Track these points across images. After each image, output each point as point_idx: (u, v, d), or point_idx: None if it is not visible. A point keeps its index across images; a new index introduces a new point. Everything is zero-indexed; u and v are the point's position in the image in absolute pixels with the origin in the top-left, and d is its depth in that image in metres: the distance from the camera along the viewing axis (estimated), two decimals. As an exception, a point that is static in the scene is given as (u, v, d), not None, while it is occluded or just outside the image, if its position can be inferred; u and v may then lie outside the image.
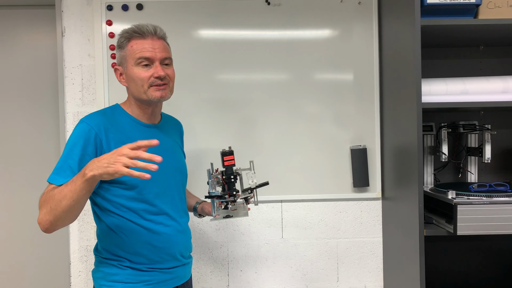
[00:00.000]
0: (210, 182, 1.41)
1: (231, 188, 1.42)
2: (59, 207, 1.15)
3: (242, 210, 1.48)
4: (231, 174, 1.42)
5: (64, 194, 1.14)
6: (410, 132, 1.55)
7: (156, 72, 1.31)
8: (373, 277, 1.93)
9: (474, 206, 1.46)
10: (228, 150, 1.43)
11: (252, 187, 1.47)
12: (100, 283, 1.33)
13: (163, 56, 1.34)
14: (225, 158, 1.42)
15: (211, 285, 1.91)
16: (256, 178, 1.47)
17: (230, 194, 1.42)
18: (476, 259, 1.92)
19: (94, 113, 1.34)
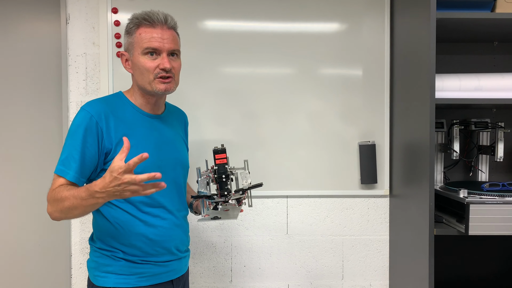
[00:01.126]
0: (200, 181, 1.35)
1: (222, 188, 1.35)
2: (70, 214, 1.19)
3: (233, 211, 1.40)
4: (223, 173, 1.35)
5: (75, 205, 1.15)
6: (422, 128, 1.51)
7: (162, 64, 1.27)
8: (379, 275, 1.90)
9: (486, 206, 1.42)
10: (221, 148, 1.36)
11: (244, 188, 1.39)
12: (94, 273, 1.31)
13: (171, 47, 1.30)
14: (217, 156, 1.35)
15: (214, 280, 1.88)
16: (251, 178, 1.41)
17: (221, 194, 1.35)
18: (485, 259, 1.88)
19: (95, 100, 1.31)
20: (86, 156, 1.23)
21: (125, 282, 1.29)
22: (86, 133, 1.23)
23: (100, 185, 1.10)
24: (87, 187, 1.14)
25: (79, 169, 1.22)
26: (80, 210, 1.17)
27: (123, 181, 1.06)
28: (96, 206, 1.16)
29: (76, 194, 1.15)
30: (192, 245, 1.85)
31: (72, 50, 1.84)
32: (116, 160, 1.07)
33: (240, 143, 1.83)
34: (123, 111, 1.32)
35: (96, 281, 1.30)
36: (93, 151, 1.24)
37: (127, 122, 1.30)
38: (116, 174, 1.06)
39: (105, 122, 1.25)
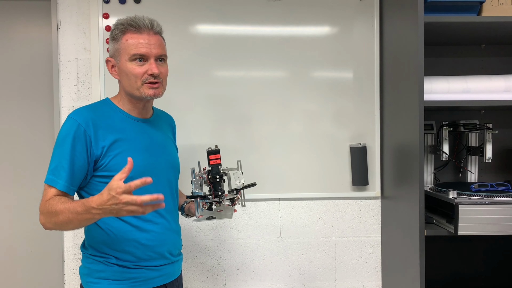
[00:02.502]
0: (194, 181, 1.36)
1: (216, 188, 1.36)
2: (65, 227, 1.19)
3: (227, 211, 1.42)
4: (217, 173, 1.36)
5: (70, 220, 1.16)
6: (411, 130, 1.53)
7: (151, 70, 1.28)
8: (371, 276, 1.91)
9: (475, 206, 1.44)
10: (214, 149, 1.37)
11: (238, 188, 1.41)
12: (87, 279, 1.31)
13: (158, 53, 1.30)
14: (211, 157, 1.37)
15: (208, 283, 1.88)
16: (244, 178, 1.43)
17: (215, 195, 1.36)
18: (475, 259, 1.90)
19: (82, 108, 1.31)
20: (76, 164, 1.23)
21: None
22: (75, 141, 1.23)
23: (97, 201, 1.10)
24: (83, 202, 1.14)
25: (68, 178, 1.22)
26: (75, 224, 1.17)
27: (121, 201, 1.06)
28: (92, 221, 1.17)
29: (71, 209, 1.15)
30: (185, 249, 1.85)
31: (63, 55, 1.84)
32: (115, 179, 1.07)
33: (231, 147, 1.84)
34: (111, 117, 1.32)
35: (89, 287, 1.30)
36: (82, 160, 1.24)
37: (116, 127, 1.30)
38: (114, 193, 1.06)
39: (93, 130, 1.25)
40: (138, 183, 1.06)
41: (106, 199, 1.08)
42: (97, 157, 1.25)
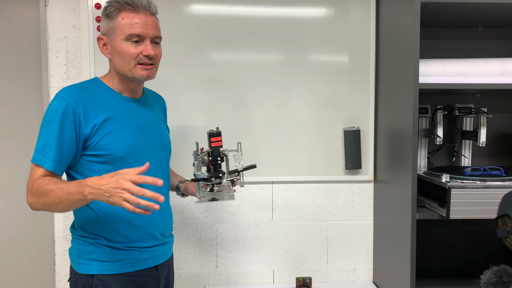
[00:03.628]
0: (196, 164, 1.35)
1: (217, 170, 1.37)
2: (54, 208, 1.17)
3: (228, 192, 1.43)
4: (218, 155, 1.37)
5: (61, 200, 1.14)
6: (406, 113, 1.52)
7: (146, 51, 1.25)
8: (363, 259, 1.92)
9: (467, 190, 1.44)
10: (216, 131, 1.37)
11: (239, 169, 1.42)
12: (77, 261, 1.29)
13: (154, 34, 1.28)
14: (212, 139, 1.36)
15: (200, 265, 1.88)
16: (244, 160, 1.42)
17: (216, 176, 1.37)
18: (466, 243, 1.91)
19: (71, 86, 1.28)
20: (64, 144, 1.20)
21: (109, 269, 1.28)
22: (63, 121, 1.20)
23: (94, 181, 1.09)
24: (79, 181, 1.13)
25: (56, 158, 1.20)
26: (64, 205, 1.15)
27: (121, 185, 1.05)
28: (81, 203, 1.15)
29: (64, 188, 1.14)
30: (177, 231, 1.85)
31: (51, 34, 1.79)
32: (128, 169, 1.08)
33: (225, 129, 1.80)
34: (101, 96, 1.29)
35: (79, 269, 1.29)
36: (71, 139, 1.21)
37: (107, 106, 1.28)
38: (119, 176, 1.06)
39: (82, 109, 1.22)
40: (150, 180, 1.06)
41: (105, 181, 1.07)
42: (87, 136, 1.23)
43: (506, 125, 1.86)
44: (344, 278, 1.92)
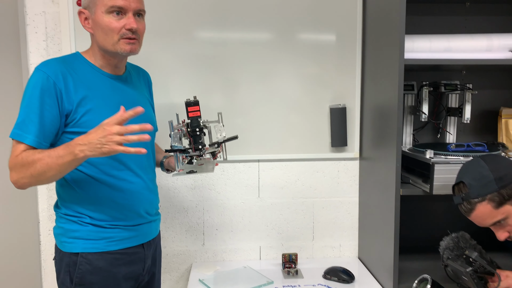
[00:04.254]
0: (173, 134, 1.32)
1: (196, 141, 1.33)
2: (43, 176, 1.14)
3: (209, 165, 1.39)
4: (197, 126, 1.32)
5: (50, 166, 1.11)
6: (391, 90, 1.51)
7: (129, 24, 1.22)
8: (348, 236, 1.94)
9: (451, 166, 1.44)
10: (193, 100, 1.32)
11: (220, 141, 1.39)
12: (61, 239, 1.29)
13: (137, 7, 1.24)
14: (190, 109, 1.32)
15: (186, 243, 1.89)
16: (225, 131, 1.39)
17: (195, 148, 1.33)
18: (449, 218, 1.94)
19: (51, 60, 1.24)
20: (46, 118, 1.17)
21: (94, 247, 1.28)
22: (44, 94, 1.17)
23: (82, 138, 1.09)
24: (66, 144, 1.12)
25: (39, 133, 1.17)
26: (54, 171, 1.12)
27: (110, 131, 1.04)
28: (72, 165, 1.13)
29: (52, 153, 1.12)
30: (163, 210, 1.84)
31: (29, 8, 1.73)
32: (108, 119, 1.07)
33: (210, 107, 1.79)
34: (82, 72, 1.26)
35: (63, 247, 1.28)
36: (54, 113, 1.19)
37: (87, 83, 1.25)
38: (105, 125, 1.05)
39: (64, 83, 1.20)
40: (131, 113, 1.05)
41: (92, 135, 1.07)
42: (68, 111, 1.20)
43: (491, 101, 1.87)
44: (329, 254, 1.95)
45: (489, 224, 1.20)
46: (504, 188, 1.15)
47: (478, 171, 1.20)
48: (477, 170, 1.20)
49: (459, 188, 1.24)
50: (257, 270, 1.77)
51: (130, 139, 1.05)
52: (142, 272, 1.39)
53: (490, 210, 1.17)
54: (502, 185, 1.15)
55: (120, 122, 1.06)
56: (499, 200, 1.15)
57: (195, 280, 1.69)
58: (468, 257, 1.22)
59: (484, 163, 1.20)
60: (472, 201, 1.19)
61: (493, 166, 1.18)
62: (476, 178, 1.19)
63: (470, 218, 1.22)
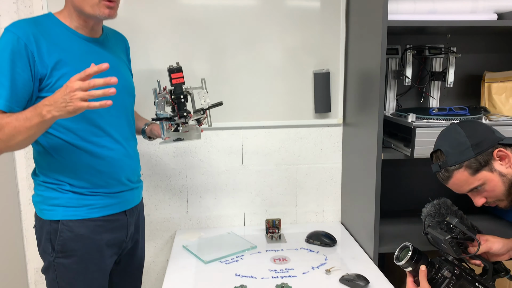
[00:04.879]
0: (157, 102, 1.30)
1: (181, 109, 1.32)
2: (12, 140, 1.10)
3: (195, 132, 1.39)
4: (181, 93, 1.30)
5: (18, 130, 1.08)
6: (374, 53, 1.48)
7: None
8: (331, 201, 1.96)
9: (432, 129, 1.44)
10: (176, 67, 1.30)
11: (204, 107, 1.38)
12: (40, 207, 1.27)
13: None
14: (173, 76, 1.29)
15: (170, 211, 1.89)
16: (209, 97, 1.38)
17: (180, 116, 1.31)
18: (431, 183, 1.96)
19: (21, 21, 1.18)
20: (18, 82, 1.13)
21: (74, 214, 1.26)
22: (14, 57, 1.12)
23: (48, 98, 1.05)
24: (34, 106, 1.08)
25: (10, 97, 1.12)
26: (23, 134, 1.09)
27: (72, 88, 1.01)
28: (41, 127, 1.09)
29: (19, 116, 1.08)
30: (146, 178, 1.82)
31: (-3, -32, 1.64)
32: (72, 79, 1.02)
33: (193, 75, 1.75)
34: (56, 34, 1.20)
35: (43, 215, 1.27)
36: (26, 77, 1.14)
37: (61, 45, 1.19)
38: (68, 83, 1.02)
39: (36, 45, 1.14)
40: (95, 68, 1.01)
41: (57, 93, 1.04)
42: (42, 75, 1.16)
43: (475, 66, 1.86)
44: (313, 219, 1.97)
45: (466, 191, 1.20)
46: (480, 154, 1.14)
47: (455, 138, 1.18)
48: (454, 137, 1.19)
49: (437, 156, 1.23)
50: (241, 236, 1.79)
51: (94, 94, 1.02)
52: (125, 239, 1.39)
53: (467, 177, 1.16)
54: (479, 151, 1.14)
55: (83, 78, 1.02)
56: (476, 167, 1.15)
57: (179, 247, 1.70)
58: (449, 223, 1.23)
59: (461, 130, 1.18)
60: (449, 169, 1.18)
61: (469, 132, 1.17)
62: (453, 145, 1.18)
63: (448, 186, 1.22)
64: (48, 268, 1.28)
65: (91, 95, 1.02)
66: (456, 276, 1.17)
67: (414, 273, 1.21)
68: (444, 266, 1.18)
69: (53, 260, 1.25)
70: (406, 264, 1.19)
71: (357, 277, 1.39)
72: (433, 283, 1.17)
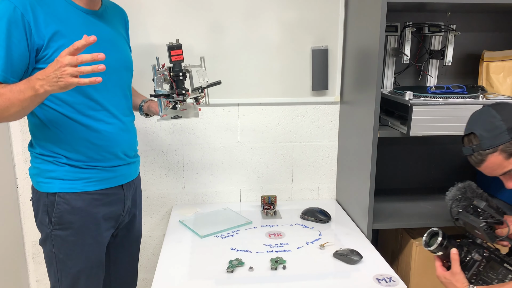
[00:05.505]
0: (156, 79, 1.29)
1: (179, 86, 1.31)
2: (6, 112, 1.09)
3: (192, 110, 1.39)
4: (180, 71, 1.30)
5: (12, 102, 1.07)
6: (373, 30, 1.47)
7: None
8: (327, 179, 1.97)
9: (429, 107, 1.44)
10: (176, 44, 1.29)
11: (203, 86, 1.37)
12: (37, 180, 1.27)
13: None
14: (172, 53, 1.28)
15: (167, 187, 1.90)
16: (208, 76, 1.37)
17: (178, 93, 1.31)
18: (427, 162, 1.98)
19: None
20: (14, 52, 1.11)
21: (71, 187, 1.26)
22: (11, 26, 1.10)
23: (41, 72, 1.04)
24: (28, 78, 1.07)
25: (5, 67, 1.11)
26: (17, 107, 1.08)
27: (62, 62, 1.00)
28: (35, 100, 1.08)
29: (13, 88, 1.07)
30: (142, 154, 1.83)
31: None
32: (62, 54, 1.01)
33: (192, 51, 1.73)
34: (53, 4, 1.18)
35: (40, 188, 1.27)
36: (22, 47, 1.12)
37: (59, 16, 1.17)
38: (58, 57, 1.01)
39: (32, 14, 1.12)
40: (83, 42, 1.00)
41: (49, 68, 1.02)
42: (39, 46, 1.14)
43: (474, 44, 1.85)
44: (308, 197, 1.99)
45: (499, 174, 1.18)
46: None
47: (490, 121, 1.15)
48: (488, 120, 1.16)
49: (469, 139, 1.20)
50: (236, 212, 1.81)
51: (83, 70, 1.01)
52: (122, 213, 1.40)
53: (502, 161, 1.14)
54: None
55: (72, 52, 1.00)
56: (511, 151, 1.13)
57: (175, 221, 1.72)
58: (476, 207, 1.23)
59: (496, 113, 1.15)
60: (483, 153, 1.15)
61: (505, 115, 1.14)
62: (488, 128, 1.15)
63: (480, 169, 1.19)
64: (45, 240, 1.29)
65: (80, 71, 1.01)
66: (486, 259, 1.18)
67: (443, 257, 1.21)
68: (473, 249, 1.19)
69: (50, 232, 1.26)
70: (436, 250, 1.20)
71: (350, 252, 1.42)
72: (463, 266, 1.18)
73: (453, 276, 1.18)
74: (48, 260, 1.31)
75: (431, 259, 1.56)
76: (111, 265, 1.47)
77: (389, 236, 1.81)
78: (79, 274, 1.30)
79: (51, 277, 1.32)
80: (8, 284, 1.79)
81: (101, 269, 1.36)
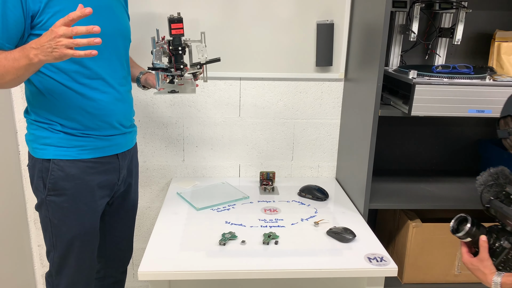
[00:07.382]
0: (155, 51, 1.27)
1: (178, 60, 1.29)
2: (1, 79, 1.10)
3: (190, 86, 1.37)
4: (179, 45, 1.28)
5: (7, 69, 1.07)
6: (379, 5, 1.41)
7: None
8: (328, 157, 1.95)
9: (433, 87, 1.40)
10: (177, 17, 1.26)
11: (202, 62, 1.35)
12: (32, 145, 1.28)
13: None
14: (173, 26, 1.26)
15: (166, 159, 1.90)
16: (207, 52, 1.34)
17: (177, 68, 1.30)
18: (430, 144, 1.94)
19: None
20: (9, 18, 1.10)
21: (65, 154, 1.27)
22: None
23: (36, 41, 1.03)
24: (23, 46, 1.07)
25: (1, 34, 1.10)
26: (12, 74, 1.08)
27: (57, 33, 0.99)
28: (29, 69, 1.08)
29: (8, 56, 1.07)
30: (142, 125, 1.83)
31: None
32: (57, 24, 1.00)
33: (194, 23, 1.69)
34: None
35: (35, 154, 1.28)
36: (17, 13, 1.11)
37: None
38: (53, 27, 1.00)
39: None
40: (78, 13, 0.99)
41: (44, 37, 1.02)
42: (34, 12, 1.13)
43: (485, 23, 1.77)
44: (307, 174, 1.97)
45: None
46: None
47: None
48: None
49: (506, 121, 1.14)
50: (234, 186, 1.81)
51: (78, 42, 1.00)
52: (117, 181, 1.40)
53: None
54: None
55: (67, 23, 1.00)
56: None
57: (173, 193, 1.73)
58: (508, 193, 1.20)
59: None
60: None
61: None
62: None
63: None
64: (40, 205, 1.31)
65: (76, 43, 1.00)
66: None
67: (472, 244, 1.20)
68: (503, 235, 1.17)
69: (45, 197, 1.28)
70: (465, 236, 1.17)
71: (344, 230, 1.41)
72: (490, 252, 1.16)
73: (481, 263, 1.16)
74: (44, 225, 1.33)
75: (427, 240, 1.55)
76: (106, 233, 1.49)
77: (387, 217, 1.80)
78: (73, 240, 1.32)
79: (46, 241, 1.35)
80: (11, 249, 1.83)
81: (96, 236, 1.38)
